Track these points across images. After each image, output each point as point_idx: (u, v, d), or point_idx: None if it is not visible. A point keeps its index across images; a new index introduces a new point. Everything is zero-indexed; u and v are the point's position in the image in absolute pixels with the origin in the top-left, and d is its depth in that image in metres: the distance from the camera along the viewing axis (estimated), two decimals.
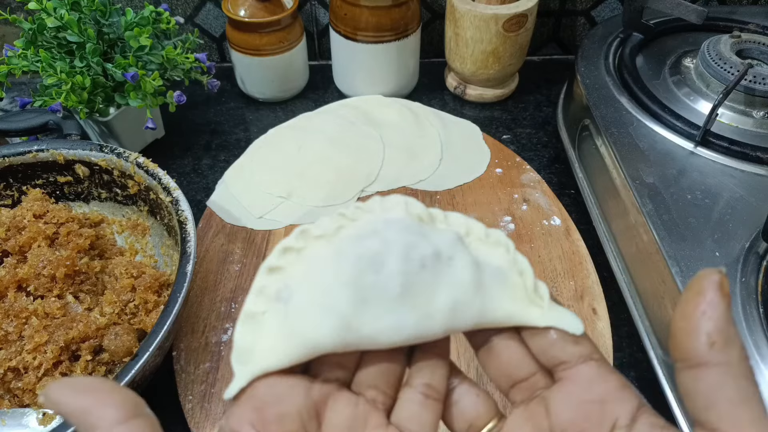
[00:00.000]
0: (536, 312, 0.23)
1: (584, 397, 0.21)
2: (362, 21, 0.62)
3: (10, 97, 0.70)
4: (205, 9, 0.72)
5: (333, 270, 0.23)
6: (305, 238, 0.24)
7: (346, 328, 0.22)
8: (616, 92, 0.55)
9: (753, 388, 0.18)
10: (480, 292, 0.23)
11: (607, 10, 0.75)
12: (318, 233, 0.24)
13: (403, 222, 0.23)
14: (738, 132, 0.50)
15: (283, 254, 0.24)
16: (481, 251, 0.24)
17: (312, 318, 0.22)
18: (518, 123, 0.68)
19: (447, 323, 0.23)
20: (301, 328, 0.22)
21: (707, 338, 0.18)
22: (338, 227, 0.24)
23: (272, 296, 0.23)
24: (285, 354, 0.22)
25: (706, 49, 0.55)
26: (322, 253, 0.23)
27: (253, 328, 0.23)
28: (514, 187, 0.58)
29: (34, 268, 0.41)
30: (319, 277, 0.23)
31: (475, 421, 0.23)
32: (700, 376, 0.18)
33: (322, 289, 0.22)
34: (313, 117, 0.66)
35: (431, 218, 0.25)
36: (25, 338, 0.39)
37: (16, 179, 0.49)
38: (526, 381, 0.23)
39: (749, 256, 0.41)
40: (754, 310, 0.38)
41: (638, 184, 0.46)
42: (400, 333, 0.22)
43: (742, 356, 0.18)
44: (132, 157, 0.47)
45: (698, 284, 0.19)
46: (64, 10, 0.51)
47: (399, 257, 0.22)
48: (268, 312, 0.23)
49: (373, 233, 0.23)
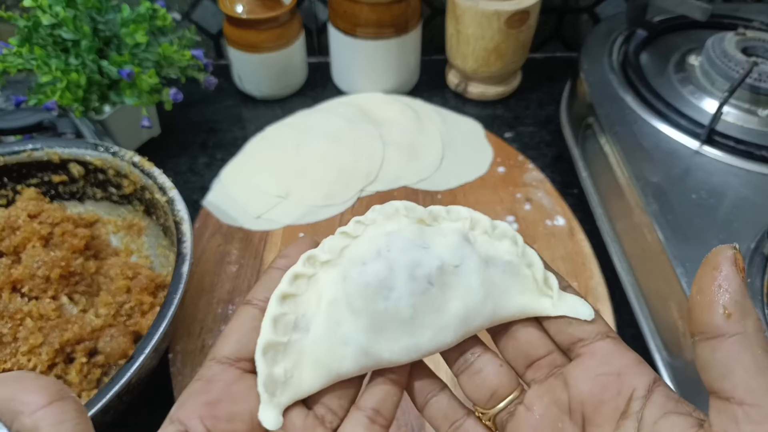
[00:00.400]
0: (547, 302, 0.24)
1: (602, 370, 0.22)
2: (362, 17, 0.61)
3: (4, 96, 0.70)
4: (201, 5, 0.71)
5: (343, 299, 0.23)
6: (313, 264, 0.25)
7: (366, 354, 0.23)
8: (620, 90, 0.54)
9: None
10: (491, 292, 0.23)
11: (611, 7, 0.74)
12: (324, 258, 0.24)
13: (405, 235, 0.24)
14: (743, 131, 0.50)
15: (294, 281, 0.24)
16: (488, 246, 0.25)
17: (333, 349, 0.23)
18: (521, 121, 0.67)
19: (460, 332, 0.23)
20: (325, 359, 0.23)
21: (723, 310, 0.19)
22: (342, 248, 0.25)
23: (290, 326, 0.24)
24: (312, 383, 0.23)
25: (711, 46, 0.54)
26: (331, 279, 0.24)
27: (275, 357, 0.23)
28: (517, 186, 0.58)
29: (29, 268, 0.41)
30: (332, 306, 0.23)
31: (498, 389, 0.24)
32: (717, 346, 0.19)
33: (337, 319, 0.23)
34: (312, 115, 0.65)
35: (434, 218, 0.25)
36: (20, 340, 0.38)
37: (10, 178, 0.49)
38: (543, 359, 0.24)
39: (755, 257, 0.40)
40: (759, 311, 0.38)
41: (642, 183, 0.46)
42: (417, 351, 0.23)
43: (758, 327, 0.19)
44: (127, 155, 0.47)
45: (714, 259, 0.19)
46: (60, 7, 0.50)
47: (405, 279, 0.23)
48: (290, 343, 0.23)
49: (377, 255, 0.23)
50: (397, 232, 0.24)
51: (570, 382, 0.22)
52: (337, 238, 0.25)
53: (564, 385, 0.22)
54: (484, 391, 0.24)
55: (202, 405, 0.22)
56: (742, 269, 0.19)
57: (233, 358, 0.23)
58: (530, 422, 0.23)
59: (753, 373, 0.18)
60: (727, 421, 0.18)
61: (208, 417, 0.21)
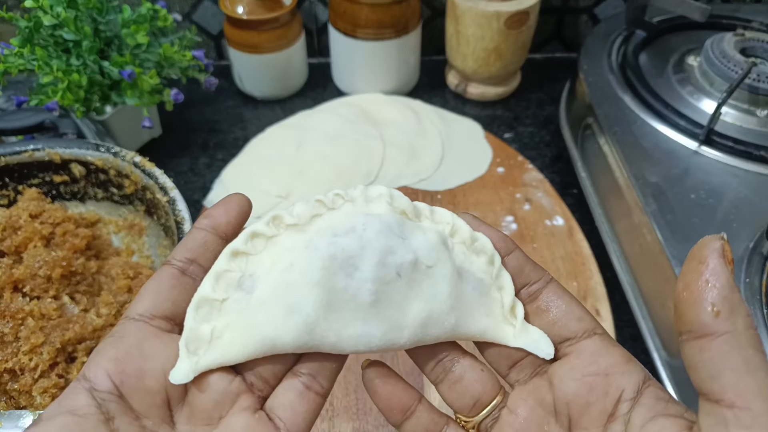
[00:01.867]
0: (509, 331, 0.23)
1: (588, 370, 0.21)
2: (362, 18, 0.61)
3: (6, 96, 0.70)
4: (202, 6, 0.71)
5: (303, 266, 0.21)
6: (277, 224, 0.23)
7: (310, 332, 0.21)
8: (619, 90, 0.55)
9: (759, 357, 0.18)
10: (456, 305, 0.22)
11: (610, 8, 0.74)
12: (291, 221, 0.23)
13: (385, 220, 0.22)
14: (742, 131, 0.50)
15: (250, 239, 0.22)
16: (464, 257, 0.23)
17: (275, 316, 0.21)
18: (520, 121, 0.67)
19: (416, 337, 0.22)
20: (262, 325, 0.21)
21: (711, 307, 0.18)
22: (313, 216, 0.23)
23: (233, 284, 0.22)
24: (241, 350, 0.21)
25: (710, 47, 0.54)
26: (293, 244, 0.22)
27: (208, 315, 0.22)
28: (517, 186, 0.58)
29: (30, 268, 0.41)
30: (287, 271, 0.21)
31: (481, 396, 0.23)
32: (705, 346, 0.18)
33: (288, 285, 0.21)
34: (312, 115, 0.65)
35: (416, 213, 0.24)
36: (21, 339, 0.39)
37: (11, 179, 0.49)
38: (526, 358, 0.23)
39: (753, 257, 0.40)
40: (758, 310, 0.38)
41: (642, 183, 0.46)
42: (365, 343, 0.21)
43: (747, 324, 0.18)
44: (128, 156, 0.47)
45: (700, 252, 0.18)
46: (61, 8, 0.50)
47: (374, 263, 0.21)
48: (228, 300, 0.22)
49: (351, 230, 0.22)
50: (378, 215, 0.22)
51: (555, 383, 0.21)
52: (310, 205, 0.23)
53: (549, 386, 0.22)
54: (467, 400, 0.23)
55: (110, 360, 0.20)
56: (731, 261, 0.18)
57: (147, 315, 0.21)
58: (515, 425, 0.22)
59: (743, 375, 0.17)
60: (716, 424, 0.18)
61: (116, 373, 0.20)
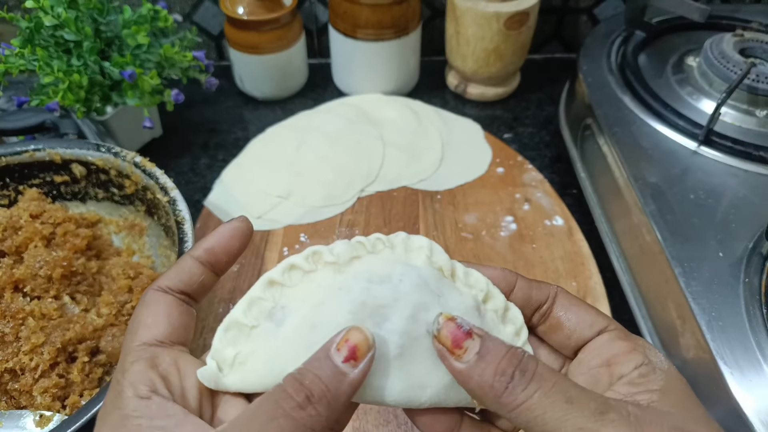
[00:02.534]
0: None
1: (592, 363, 0.22)
2: (362, 18, 0.61)
3: (6, 96, 0.70)
4: (203, 7, 0.72)
5: (332, 307, 0.21)
6: (315, 260, 0.23)
7: None
8: (618, 91, 0.55)
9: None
10: None
11: (610, 8, 0.74)
12: (330, 259, 0.23)
13: (423, 274, 0.22)
14: (741, 131, 0.50)
15: (288, 270, 0.23)
16: (493, 326, 0.23)
17: (297, 353, 0.21)
18: (520, 122, 0.67)
19: (437, 398, 0.22)
20: (284, 360, 0.21)
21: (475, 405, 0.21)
22: (352, 257, 0.23)
23: (265, 313, 0.22)
24: (259, 380, 0.21)
25: (709, 47, 0.54)
26: (328, 283, 0.22)
27: (236, 338, 0.22)
28: (516, 186, 0.58)
29: (31, 268, 0.41)
30: (316, 310, 0.21)
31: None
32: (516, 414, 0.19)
33: (314, 325, 0.21)
34: (313, 116, 0.65)
35: (452, 272, 0.24)
36: (22, 339, 0.39)
37: (12, 179, 0.49)
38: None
39: (752, 257, 0.40)
40: (757, 310, 0.38)
41: (641, 183, 0.46)
42: (383, 397, 0.21)
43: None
44: (129, 156, 0.47)
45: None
46: (62, 9, 0.50)
47: (405, 316, 0.21)
48: (257, 329, 0.22)
49: (387, 279, 0.22)
50: (416, 267, 0.22)
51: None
52: (351, 245, 0.23)
53: None
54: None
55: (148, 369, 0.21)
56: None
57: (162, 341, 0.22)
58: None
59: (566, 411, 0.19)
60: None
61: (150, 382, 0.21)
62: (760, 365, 0.35)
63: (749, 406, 0.34)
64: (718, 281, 0.39)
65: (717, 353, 0.36)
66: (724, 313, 0.38)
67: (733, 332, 0.37)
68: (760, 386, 0.34)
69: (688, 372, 0.39)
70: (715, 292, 0.39)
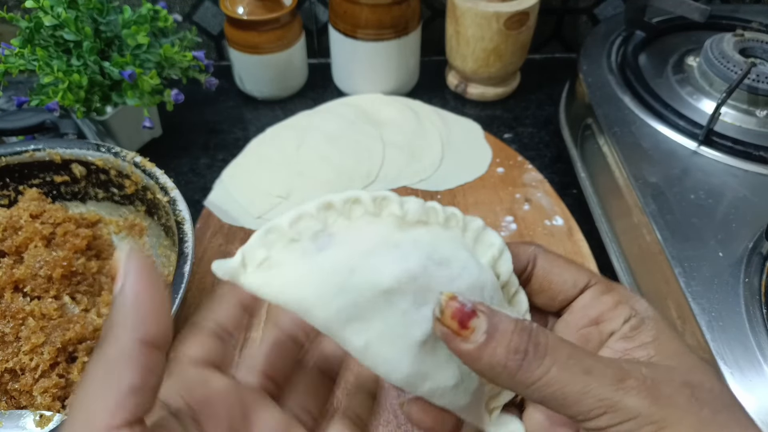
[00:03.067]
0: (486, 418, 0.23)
1: (580, 323, 0.22)
2: (362, 18, 0.61)
3: (6, 96, 0.70)
4: (203, 7, 0.72)
5: (381, 264, 0.20)
6: (379, 205, 0.22)
7: (345, 323, 0.20)
8: (618, 91, 0.55)
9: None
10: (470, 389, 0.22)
11: (610, 8, 0.74)
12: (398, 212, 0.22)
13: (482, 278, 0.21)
14: (741, 131, 0.50)
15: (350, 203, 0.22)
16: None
17: (326, 288, 0.20)
18: (520, 122, 0.67)
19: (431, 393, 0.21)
20: (310, 287, 0.20)
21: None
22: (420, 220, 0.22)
23: (309, 232, 0.21)
24: (277, 293, 0.20)
25: (709, 47, 0.54)
26: (386, 235, 0.21)
27: (272, 243, 0.21)
28: (516, 186, 0.58)
29: (31, 268, 0.41)
30: (364, 258, 0.20)
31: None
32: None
33: (354, 270, 0.20)
34: (313, 116, 0.65)
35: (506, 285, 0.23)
36: (22, 339, 0.39)
37: (12, 179, 0.49)
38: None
39: (753, 257, 0.40)
40: (757, 310, 0.38)
41: (641, 183, 0.46)
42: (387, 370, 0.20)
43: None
44: (129, 156, 0.47)
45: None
46: (61, 9, 0.50)
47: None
48: (297, 243, 0.21)
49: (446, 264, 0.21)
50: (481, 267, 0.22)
51: None
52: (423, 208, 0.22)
53: None
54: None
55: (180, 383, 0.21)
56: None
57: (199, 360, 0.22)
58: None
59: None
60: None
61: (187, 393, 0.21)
62: (760, 365, 0.35)
63: (749, 406, 0.34)
64: (718, 281, 0.39)
65: (717, 353, 0.36)
66: (724, 313, 0.38)
67: (733, 332, 0.37)
68: (760, 386, 0.34)
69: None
70: (715, 292, 0.39)
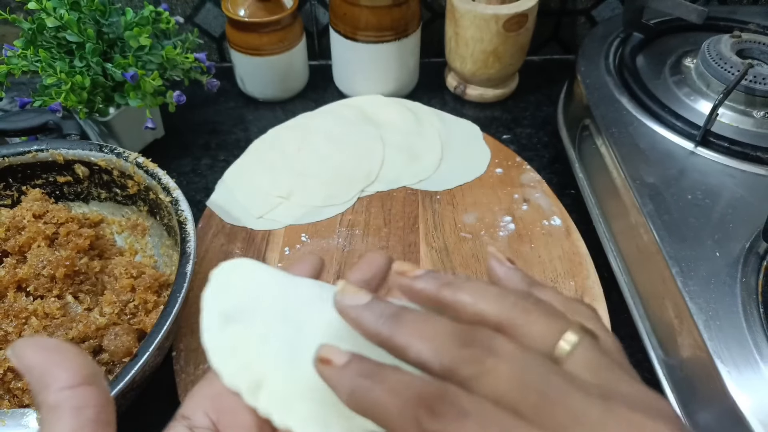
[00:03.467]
0: None
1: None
2: (362, 20, 0.62)
3: (9, 97, 0.70)
4: (204, 9, 0.72)
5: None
6: None
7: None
8: (616, 92, 0.55)
9: None
10: None
11: (608, 10, 0.75)
12: None
13: None
14: (738, 132, 0.50)
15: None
16: None
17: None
18: (518, 123, 0.68)
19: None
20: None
21: None
22: None
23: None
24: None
25: (707, 48, 0.54)
26: None
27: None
28: (515, 187, 0.58)
29: (34, 268, 0.41)
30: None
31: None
32: None
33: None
34: (313, 117, 0.66)
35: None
36: None
37: (15, 179, 0.49)
38: None
39: (749, 257, 0.41)
40: (754, 310, 0.38)
41: (638, 184, 0.46)
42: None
43: None
44: (131, 157, 0.47)
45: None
46: (64, 10, 0.51)
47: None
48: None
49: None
50: None
51: None
52: None
53: None
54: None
55: (206, 398, 0.22)
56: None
57: None
58: None
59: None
60: None
61: (213, 410, 0.21)
62: (757, 364, 0.35)
63: (746, 404, 0.34)
64: (716, 281, 0.40)
65: (714, 352, 0.36)
66: (721, 313, 0.38)
67: (730, 331, 0.37)
68: (757, 385, 0.35)
69: (686, 371, 0.40)
70: (712, 292, 0.39)
